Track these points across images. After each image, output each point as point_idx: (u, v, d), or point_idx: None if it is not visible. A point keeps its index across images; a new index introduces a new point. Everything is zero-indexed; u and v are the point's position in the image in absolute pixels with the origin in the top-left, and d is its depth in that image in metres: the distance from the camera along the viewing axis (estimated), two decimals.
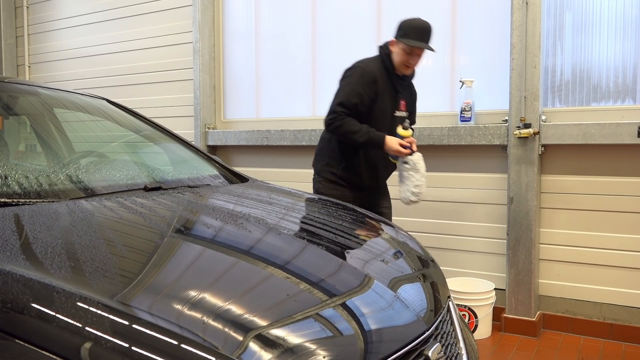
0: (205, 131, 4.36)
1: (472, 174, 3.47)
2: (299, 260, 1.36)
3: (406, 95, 2.87)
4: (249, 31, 4.32)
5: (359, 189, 2.84)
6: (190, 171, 2.16)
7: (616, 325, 3.14)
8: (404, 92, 2.84)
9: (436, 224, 3.59)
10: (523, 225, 3.24)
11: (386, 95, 2.74)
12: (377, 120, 2.71)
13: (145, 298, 1.01)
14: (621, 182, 3.11)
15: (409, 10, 3.65)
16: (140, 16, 4.76)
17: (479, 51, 3.46)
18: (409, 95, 2.90)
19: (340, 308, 1.15)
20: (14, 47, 5.67)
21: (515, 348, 3.09)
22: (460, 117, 3.41)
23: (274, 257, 1.36)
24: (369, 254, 1.51)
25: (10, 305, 0.90)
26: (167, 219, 1.50)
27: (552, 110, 3.26)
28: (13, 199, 1.41)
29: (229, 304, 1.03)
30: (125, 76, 4.87)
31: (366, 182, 2.84)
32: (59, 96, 2.25)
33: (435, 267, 1.68)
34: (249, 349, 0.93)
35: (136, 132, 2.32)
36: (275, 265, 1.29)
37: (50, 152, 2.08)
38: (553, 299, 3.32)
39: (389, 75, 2.75)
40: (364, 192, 2.86)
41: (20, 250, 1.10)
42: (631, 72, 3.06)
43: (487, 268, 3.46)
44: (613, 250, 3.14)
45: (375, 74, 2.69)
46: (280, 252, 1.40)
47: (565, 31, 3.21)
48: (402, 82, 2.82)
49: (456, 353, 1.40)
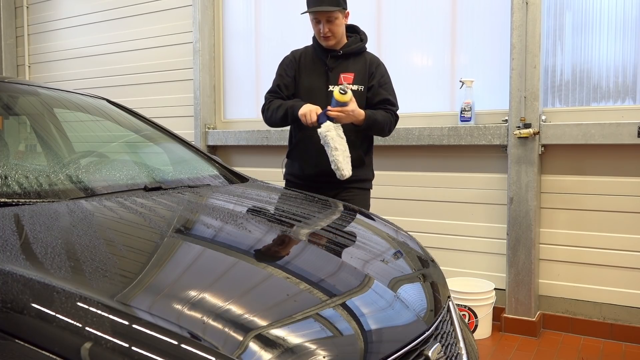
0: (205, 131, 4.37)
1: (472, 174, 3.47)
2: (299, 260, 1.36)
3: (356, 69, 2.58)
4: (249, 31, 4.32)
5: (307, 183, 2.59)
6: (190, 171, 2.16)
7: (616, 325, 3.13)
8: (342, 66, 2.58)
9: (436, 224, 3.59)
10: (523, 225, 3.24)
11: (311, 70, 2.60)
12: (308, 97, 2.54)
13: (145, 298, 1.01)
14: (621, 182, 3.11)
15: (409, 10, 3.65)
16: (140, 16, 4.76)
17: (479, 51, 3.46)
18: (360, 69, 2.58)
19: (340, 308, 1.15)
20: (14, 47, 5.67)
21: (515, 348, 3.09)
22: (460, 117, 3.41)
23: (274, 257, 1.36)
24: (369, 253, 1.51)
25: (10, 305, 0.90)
26: (167, 219, 1.50)
27: (552, 110, 3.26)
28: (13, 199, 1.41)
29: (229, 304, 1.03)
30: (125, 76, 4.87)
31: (307, 171, 2.60)
32: (59, 96, 2.26)
33: (435, 267, 1.68)
34: (249, 349, 0.93)
35: (136, 132, 2.32)
36: (275, 265, 1.29)
37: (50, 152, 2.08)
38: (553, 299, 3.32)
39: (317, 52, 2.62)
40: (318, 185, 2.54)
41: (20, 250, 1.10)
42: (631, 72, 3.06)
43: (487, 268, 3.46)
44: (613, 250, 3.14)
45: (296, 54, 2.65)
46: (280, 251, 1.40)
47: (565, 31, 3.21)
48: (336, 55, 2.57)
49: (456, 353, 1.40)
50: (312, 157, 2.56)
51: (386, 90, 2.59)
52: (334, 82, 2.56)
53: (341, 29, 2.56)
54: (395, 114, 2.60)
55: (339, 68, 2.58)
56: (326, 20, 2.50)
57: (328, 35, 2.52)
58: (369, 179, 2.70)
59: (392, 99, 2.60)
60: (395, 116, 2.60)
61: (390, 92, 2.61)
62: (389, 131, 2.60)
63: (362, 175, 2.62)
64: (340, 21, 2.54)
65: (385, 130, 2.58)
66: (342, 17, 2.56)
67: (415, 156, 3.63)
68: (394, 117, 2.59)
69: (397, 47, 3.71)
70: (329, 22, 2.50)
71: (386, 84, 2.61)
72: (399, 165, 3.69)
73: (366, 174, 2.66)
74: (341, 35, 2.57)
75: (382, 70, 2.62)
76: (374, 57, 2.67)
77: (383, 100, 2.56)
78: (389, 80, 2.63)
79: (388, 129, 2.57)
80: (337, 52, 2.58)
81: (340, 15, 2.54)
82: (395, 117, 2.60)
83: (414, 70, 3.67)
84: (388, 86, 2.61)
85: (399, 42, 3.70)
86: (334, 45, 2.58)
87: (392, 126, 2.60)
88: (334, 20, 2.51)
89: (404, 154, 3.66)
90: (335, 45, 2.58)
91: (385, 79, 2.61)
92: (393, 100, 2.60)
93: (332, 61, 2.58)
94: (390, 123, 2.56)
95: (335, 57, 2.59)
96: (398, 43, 3.71)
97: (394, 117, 2.59)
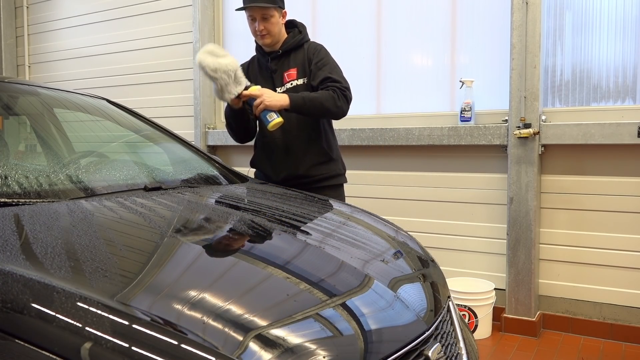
0: (205, 131, 4.37)
1: (472, 174, 3.47)
2: (298, 260, 1.36)
3: (296, 63, 2.53)
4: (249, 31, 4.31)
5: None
6: (190, 171, 2.16)
7: (616, 325, 3.13)
8: (284, 65, 2.54)
9: (436, 224, 3.59)
10: (523, 225, 3.24)
11: (259, 79, 2.57)
12: None
13: (145, 298, 1.01)
14: (621, 182, 3.11)
15: (409, 10, 3.65)
16: (140, 16, 4.76)
17: (479, 51, 3.46)
18: (300, 61, 2.53)
19: (340, 308, 1.15)
20: (14, 47, 5.67)
21: (515, 348, 3.09)
22: (460, 117, 3.41)
23: (274, 256, 1.36)
24: (369, 253, 1.51)
25: (10, 305, 0.90)
26: (167, 219, 1.50)
27: (552, 110, 3.26)
28: (13, 199, 1.41)
29: (229, 304, 1.03)
30: (125, 76, 4.87)
31: (272, 178, 2.53)
32: (59, 96, 2.26)
33: (435, 267, 1.68)
34: (249, 349, 0.93)
35: (136, 132, 2.32)
36: (275, 265, 1.29)
37: (50, 152, 2.08)
38: (553, 299, 3.32)
39: (260, 60, 2.62)
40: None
41: (20, 250, 1.10)
42: (631, 72, 3.06)
43: (487, 268, 3.46)
44: (613, 250, 3.14)
45: (244, 66, 2.59)
46: (280, 252, 1.40)
47: (565, 31, 3.21)
48: (276, 55, 2.54)
49: (456, 353, 1.40)
50: (274, 163, 2.52)
51: (324, 70, 2.45)
52: (280, 83, 2.51)
53: (277, 28, 2.50)
54: (341, 89, 2.39)
55: (282, 68, 2.54)
56: (261, 17, 2.45)
57: (264, 34, 2.47)
58: (339, 174, 2.58)
59: (333, 76, 2.42)
60: (341, 90, 2.39)
61: (330, 70, 2.45)
62: (337, 108, 2.38)
63: (331, 171, 2.53)
64: (276, 19, 2.48)
65: (328, 108, 2.36)
66: (279, 16, 2.51)
67: (415, 156, 3.63)
68: (338, 93, 2.38)
69: (397, 47, 3.71)
70: (264, 19, 2.45)
71: (325, 65, 2.47)
72: (399, 165, 3.69)
73: (335, 169, 2.55)
74: (278, 34, 2.52)
75: (319, 53, 2.51)
76: (313, 43, 2.57)
77: (323, 80, 2.42)
78: (330, 61, 2.50)
79: (333, 105, 2.36)
80: (277, 52, 2.53)
81: (277, 14, 2.48)
82: (340, 91, 2.39)
83: (413, 70, 3.67)
84: (327, 66, 2.46)
85: (399, 42, 3.70)
86: (272, 44, 2.53)
87: (339, 102, 2.38)
88: (269, 18, 2.45)
89: (404, 154, 3.66)
90: (275, 46, 2.54)
91: (323, 61, 2.48)
92: (335, 77, 2.42)
93: (274, 63, 2.54)
94: (333, 98, 2.36)
95: (277, 58, 2.54)
96: (398, 43, 3.71)
97: (338, 93, 2.38)
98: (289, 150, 2.49)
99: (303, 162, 2.48)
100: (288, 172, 2.48)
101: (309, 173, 2.49)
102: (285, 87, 2.50)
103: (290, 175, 2.48)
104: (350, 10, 3.88)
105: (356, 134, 3.68)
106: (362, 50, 3.81)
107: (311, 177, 2.49)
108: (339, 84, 2.42)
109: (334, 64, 2.50)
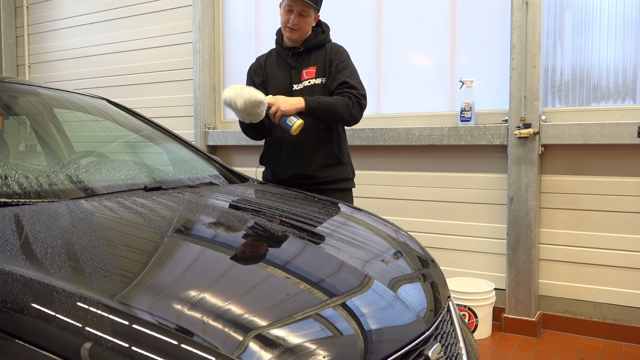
0: (205, 131, 4.37)
1: (472, 174, 3.47)
2: (299, 260, 1.36)
3: (316, 62, 2.53)
4: (249, 31, 4.32)
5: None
6: (190, 171, 2.16)
7: (616, 325, 3.14)
8: (304, 62, 2.53)
9: (436, 224, 3.59)
10: (523, 225, 3.24)
11: (277, 73, 2.56)
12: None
13: (145, 298, 1.01)
14: (621, 182, 3.11)
15: (409, 10, 3.65)
16: (140, 16, 4.76)
17: (479, 51, 3.46)
18: (321, 60, 2.53)
19: (340, 308, 1.15)
20: (14, 47, 5.67)
21: (515, 348, 3.09)
22: (460, 117, 3.41)
23: (274, 256, 1.36)
24: (369, 253, 1.51)
25: (10, 305, 0.90)
26: (167, 219, 1.50)
27: (552, 110, 3.26)
28: (13, 199, 1.41)
29: (229, 304, 1.03)
30: (125, 76, 4.87)
31: (279, 175, 2.52)
32: (59, 96, 2.26)
33: (435, 267, 1.68)
34: (249, 349, 0.93)
35: (136, 132, 2.32)
36: (275, 265, 1.29)
37: (50, 152, 2.08)
38: (553, 299, 3.32)
39: (279, 54, 2.60)
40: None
41: (20, 250, 1.10)
42: (631, 72, 3.07)
43: (487, 268, 3.46)
44: (613, 250, 3.14)
45: (261, 59, 2.60)
46: (280, 251, 1.40)
47: (565, 31, 3.21)
48: (297, 52, 2.53)
49: (456, 353, 1.40)
50: (282, 162, 2.51)
51: (344, 73, 2.45)
52: (297, 80, 2.50)
53: (308, 27, 2.51)
54: (357, 96, 2.41)
55: (301, 65, 2.52)
56: (299, 12, 2.43)
57: (295, 29, 2.45)
58: (348, 178, 2.57)
59: (351, 81, 2.43)
60: (357, 98, 2.40)
61: (349, 75, 2.46)
62: (351, 115, 2.40)
63: (340, 174, 2.52)
64: (310, 19, 2.48)
65: (342, 115, 2.38)
66: (313, 17, 2.51)
67: (415, 156, 3.63)
68: (353, 100, 2.39)
69: (397, 47, 3.71)
70: (301, 15, 2.44)
71: (345, 68, 2.47)
72: (399, 165, 3.69)
73: (343, 173, 2.54)
74: (306, 33, 2.52)
75: (341, 56, 2.52)
76: (335, 45, 2.58)
77: (341, 84, 2.43)
78: (350, 65, 2.51)
79: (347, 112, 2.38)
80: (298, 49, 2.52)
81: (313, 14, 2.49)
82: (356, 99, 2.40)
83: (414, 70, 3.67)
84: (347, 70, 2.47)
85: (399, 42, 3.70)
86: (297, 41, 2.52)
87: (353, 110, 2.40)
88: (306, 15, 2.45)
89: (404, 154, 3.66)
90: (297, 42, 2.53)
91: (344, 64, 2.49)
92: (353, 83, 2.43)
93: (293, 59, 2.53)
94: (347, 106, 2.37)
95: (297, 55, 2.53)
96: (398, 43, 3.71)
97: (353, 100, 2.39)
98: (299, 149, 2.47)
99: (312, 163, 2.48)
100: (296, 171, 2.47)
101: (317, 174, 2.48)
102: (303, 85, 2.49)
103: (298, 175, 2.47)
104: (351, 10, 3.88)
105: (356, 133, 3.68)
106: (362, 50, 3.80)
107: (319, 178, 2.48)
108: (355, 91, 2.42)
109: (354, 68, 2.51)
